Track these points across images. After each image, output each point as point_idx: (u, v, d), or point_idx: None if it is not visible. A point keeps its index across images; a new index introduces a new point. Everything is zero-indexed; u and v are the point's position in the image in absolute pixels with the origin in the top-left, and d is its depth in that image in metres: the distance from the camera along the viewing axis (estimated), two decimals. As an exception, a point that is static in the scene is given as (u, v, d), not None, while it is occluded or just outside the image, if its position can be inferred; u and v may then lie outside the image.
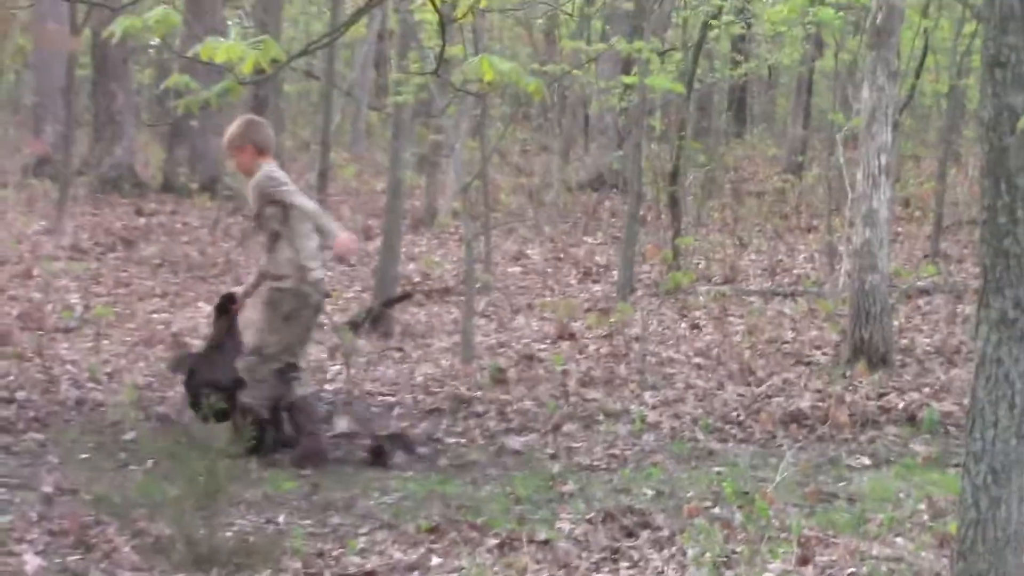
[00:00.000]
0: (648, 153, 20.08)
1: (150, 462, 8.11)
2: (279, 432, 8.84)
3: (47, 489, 7.59)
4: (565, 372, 11.38)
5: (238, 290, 9.20)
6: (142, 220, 20.03)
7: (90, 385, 10.33)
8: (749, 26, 23.53)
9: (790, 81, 33.09)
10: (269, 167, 8.76)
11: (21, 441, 8.77)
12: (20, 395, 9.83)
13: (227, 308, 9.04)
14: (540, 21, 29.36)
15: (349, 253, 8.90)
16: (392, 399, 10.45)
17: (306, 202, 8.77)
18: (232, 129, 8.83)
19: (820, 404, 10.26)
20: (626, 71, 21.07)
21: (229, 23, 29.75)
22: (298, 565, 6.53)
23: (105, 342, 11.96)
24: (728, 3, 18.55)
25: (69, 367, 10.92)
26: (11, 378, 10.33)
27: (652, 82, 16.25)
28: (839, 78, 20.66)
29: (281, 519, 7.39)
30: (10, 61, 34.14)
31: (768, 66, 28.49)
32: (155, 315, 13.51)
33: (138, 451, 8.49)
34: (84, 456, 8.46)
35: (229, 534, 6.85)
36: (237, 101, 10.85)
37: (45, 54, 24.17)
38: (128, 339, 12.18)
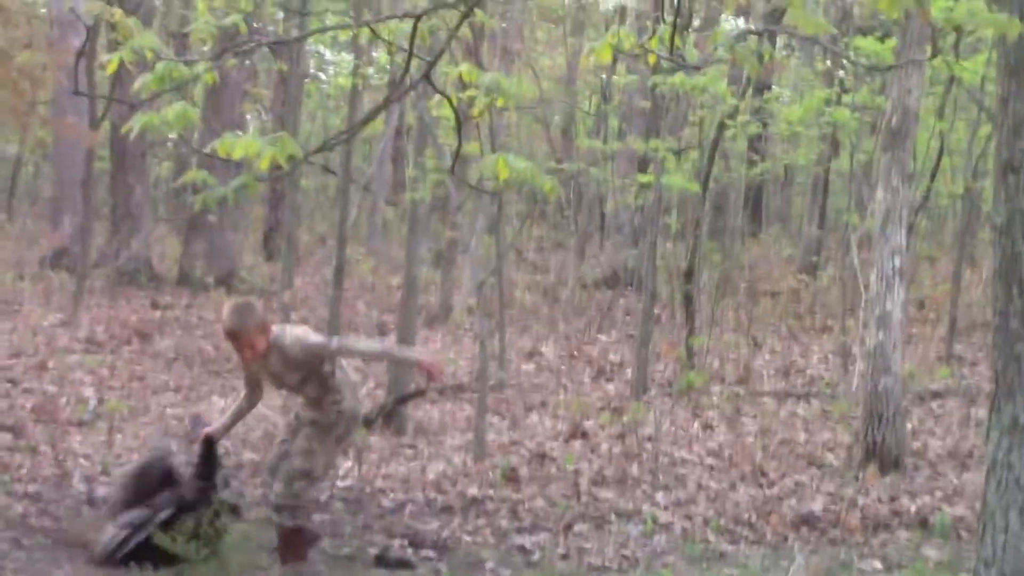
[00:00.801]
0: (663, 251, 20.14)
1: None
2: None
3: (57, 584, 7.58)
4: (577, 471, 11.35)
5: (215, 430, 8.87)
6: (158, 313, 20.07)
7: (103, 479, 10.30)
8: (765, 126, 23.71)
9: (806, 181, 33.22)
10: (291, 332, 8.35)
11: (32, 535, 8.74)
12: (32, 488, 9.81)
13: (211, 447, 8.65)
14: (557, 119, 29.56)
15: (441, 373, 8.72)
16: (404, 497, 10.41)
17: (364, 344, 8.68)
18: (244, 319, 8.08)
19: (832, 507, 10.23)
20: (642, 169, 21.20)
21: (248, 117, 30.00)
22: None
23: (118, 436, 11.95)
24: (744, 103, 18.68)
25: (82, 461, 10.90)
26: (24, 471, 10.31)
27: (668, 181, 16.34)
28: (855, 179, 20.73)
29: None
30: (30, 154, 34.48)
31: (784, 166, 28.65)
32: (169, 409, 13.50)
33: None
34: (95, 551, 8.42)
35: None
36: (254, 196, 10.93)
37: (64, 147, 24.39)
38: (142, 433, 12.16)
